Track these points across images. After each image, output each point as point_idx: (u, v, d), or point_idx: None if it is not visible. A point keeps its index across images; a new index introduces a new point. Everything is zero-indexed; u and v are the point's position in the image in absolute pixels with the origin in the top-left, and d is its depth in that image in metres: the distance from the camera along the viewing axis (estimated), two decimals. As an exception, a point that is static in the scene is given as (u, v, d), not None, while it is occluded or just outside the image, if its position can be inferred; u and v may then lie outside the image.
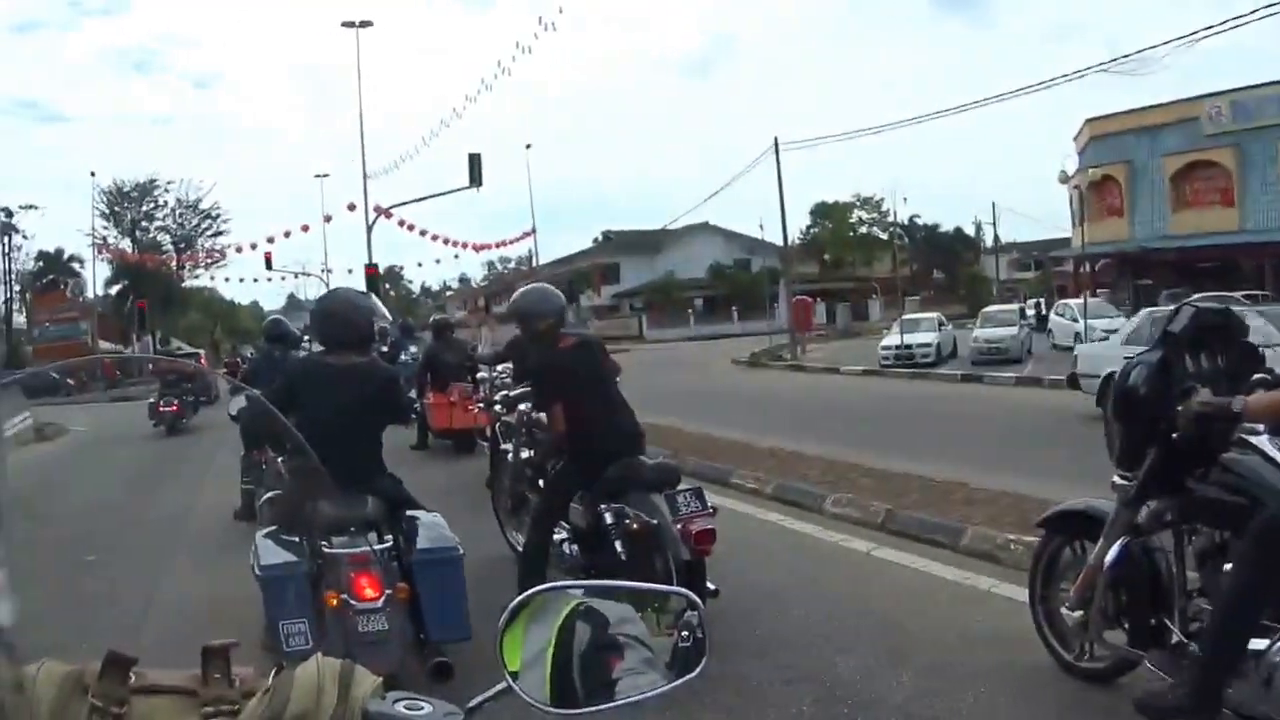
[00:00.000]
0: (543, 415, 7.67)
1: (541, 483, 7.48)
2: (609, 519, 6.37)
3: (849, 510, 9.38)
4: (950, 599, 6.83)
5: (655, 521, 6.07)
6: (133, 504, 12.08)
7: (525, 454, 8.20)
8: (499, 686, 1.51)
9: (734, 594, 6.45)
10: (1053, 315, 36.44)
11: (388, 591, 4.99)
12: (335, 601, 4.91)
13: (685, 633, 1.66)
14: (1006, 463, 11.19)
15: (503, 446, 9.05)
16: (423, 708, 1.38)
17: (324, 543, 5.11)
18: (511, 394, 8.57)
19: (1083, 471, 6.13)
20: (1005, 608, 6.29)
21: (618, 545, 6.29)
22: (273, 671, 1.39)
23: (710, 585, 5.94)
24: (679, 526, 5.98)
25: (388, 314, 6.29)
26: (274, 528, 5.53)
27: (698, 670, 1.62)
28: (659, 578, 5.78)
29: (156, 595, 7.63)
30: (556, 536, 6.85)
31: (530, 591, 1.66)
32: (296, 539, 5.26)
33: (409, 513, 5.63)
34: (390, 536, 5.38)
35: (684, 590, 1.85)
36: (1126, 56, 29.05)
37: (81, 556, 8.78)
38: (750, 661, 5.61)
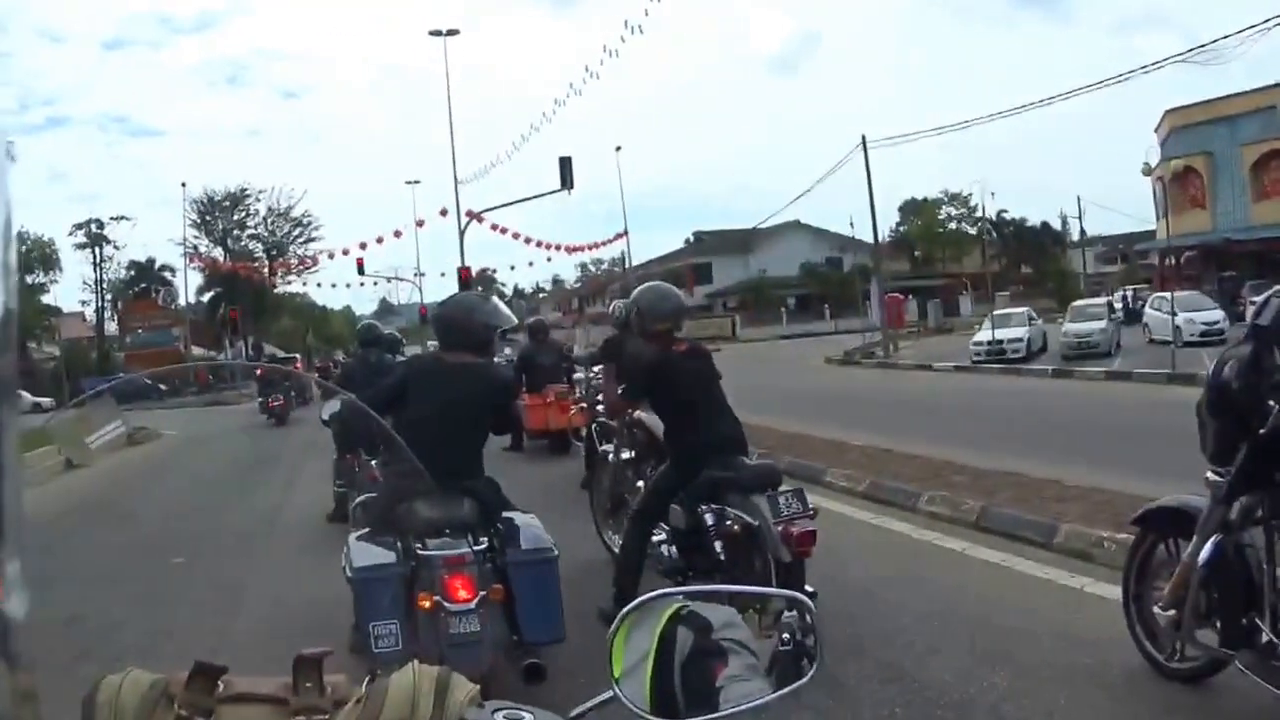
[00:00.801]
0: (641, 414, 7.63)
1: (641, 484, 7.44)
2: (709, 520, 6.27)
3: (942, 508, 9.26)
4: (1044, 598, 6.72)
5: (756, 523, 5.96)
6: (223, 507, 12.16)
7: (626, 455, 8.16)
8: (602, 696, 1.46)
9: (828, 593, 6.33)
10: (1148, 309, 34.92)
11: (481, 593, 4.89)
12: (428, 603, 4.83)
13: (786, 635, 1.59)
14: (1099, 458, 10.99)
15: (601, 448, 9.02)
16: (523, 717, 1.32)
17: (418, 544, 5.05)
18: None
19: (1176, 467, 5.98)
20: (1099, 607, 6.19)
21: (717, 546, 6.20)
22: (366, 679, 1.36)
23: (809, 588, 5.83)
24: (780, 528, 5.85)
25: (512, 316, 6.07)
26: (367, 529, 5.50)
27: (808, 678, 1.55)
28: (758, 579, 5.75)
29: (246, 599, 7.68)
30: (655, 538, 6.76)
31: (641, 599, 1.59)
32: (390, 540, 5.22)
33: (505, 514, 5.53)
34: (486, 538, 5.25)
35: (791, 592, 1.75)
36: (1202, 46, 28.14)
37: (170, 559, 8.89)
38: (844, 662, 5.55)
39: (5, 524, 0.68)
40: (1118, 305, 39.18)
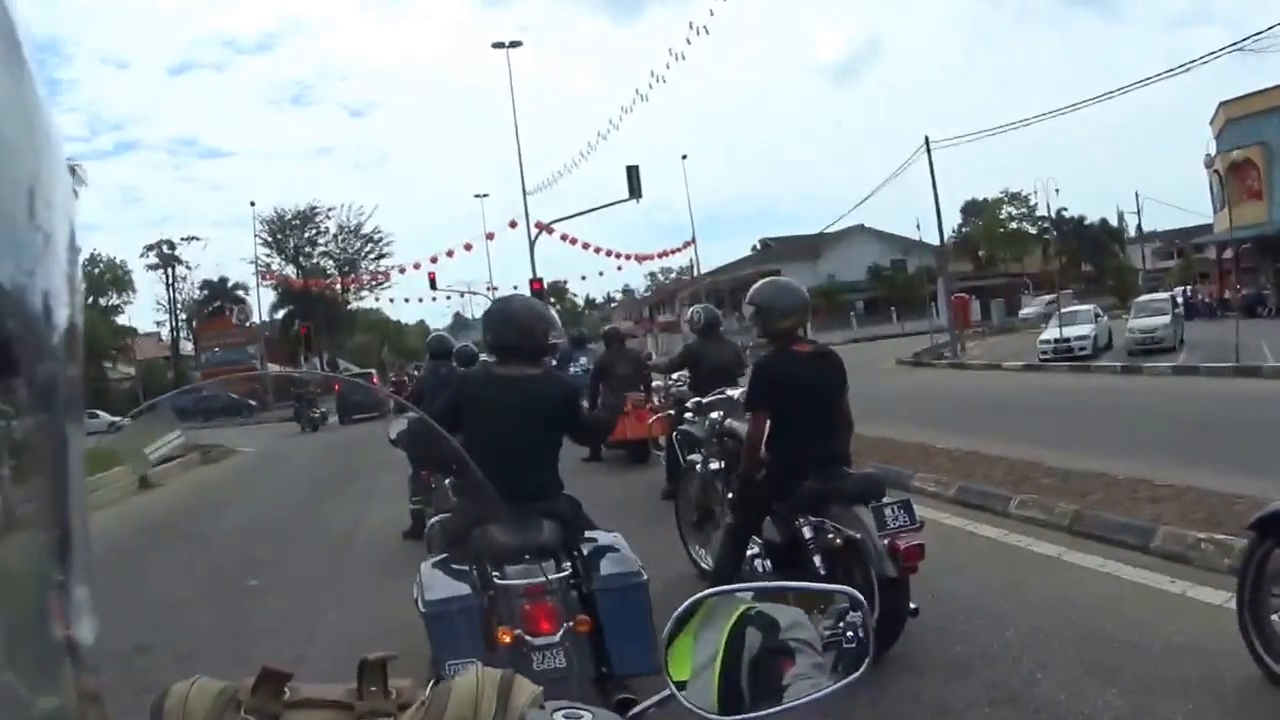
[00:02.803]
0: (732, 422, 7.31)
1: (732, 495, 7.01)
2: (808, 533, 5.81)
3: (1034, 512, 8.78)
4: (1147, 605, 6.29)
5: (858, 536, 5.53)
6: (298, 527, 11.84)
7: (715, 465, 7.65)
8: (661, 694, 1.45)
9: (928, 607, 5.93)
10: None
11: (566, 624, 4.36)
12: (509, 638, 4.28)
13: (850, 633, 1.59)
14: (1183, 455, 10.50)
15: (689, 457, 8.45)
16: (583, 716, 1.31)
17: (496, 573, 4.49)
18: (705, 400, 8.16)
19: (1263, 462, 5.59)
20: (1204, 613, 5.83)
21: (816, 560, 5.73)
22: (430, 683, 1.35)
23: (911, 605, 5.45)
24: (885, 541, 5.40)
25: (555, 319, 5.70)
26: (441, 557, 4.95)
27: (860, 671, 1.54)
28: (860, 596, 5.39)
29: (321, 619, 7.39)
30: (748, 552, 6.27)
31: (696, 597, 1.56)
32: (466, 568, 4.66)
33: (588, 535, 4.94)
34: (568, 563, 4.68)
35: (847, 588, 1.74)
36: (1256, 35, 27.36)
37: (245, 581, 8.59)
38: (950, 681, 5.22)
39: (72, 548, 0.61)
40: (1180, 300, 38.30)
